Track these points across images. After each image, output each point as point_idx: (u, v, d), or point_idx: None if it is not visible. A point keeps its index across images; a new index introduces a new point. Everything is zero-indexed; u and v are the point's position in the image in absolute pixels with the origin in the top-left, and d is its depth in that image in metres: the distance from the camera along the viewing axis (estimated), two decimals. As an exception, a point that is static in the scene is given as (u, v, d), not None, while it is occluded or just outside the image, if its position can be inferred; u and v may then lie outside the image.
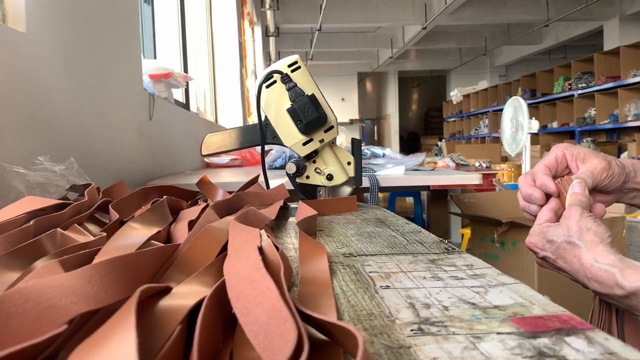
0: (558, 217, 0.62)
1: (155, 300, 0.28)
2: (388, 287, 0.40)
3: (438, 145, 8.43)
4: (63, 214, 0.53)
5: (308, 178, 0.93)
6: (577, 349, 0.28)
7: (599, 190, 0.66)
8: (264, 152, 0.94)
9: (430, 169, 2.27)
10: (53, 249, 0.42)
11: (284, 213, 0.86)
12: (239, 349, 0.27)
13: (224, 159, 2.80)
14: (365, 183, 1.50)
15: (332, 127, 0.90)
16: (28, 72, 0.97)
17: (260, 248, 0.37)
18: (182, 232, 0.54)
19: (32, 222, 0.46)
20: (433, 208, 4.62)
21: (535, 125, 3.95)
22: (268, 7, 6.40)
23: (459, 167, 3.79)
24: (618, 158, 0.68)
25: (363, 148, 2.54)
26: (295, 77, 0.88)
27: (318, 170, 0.93)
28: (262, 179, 0.99)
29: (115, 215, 0.61)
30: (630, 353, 0.27)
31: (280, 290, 0.26)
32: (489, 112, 10.40)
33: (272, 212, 0.71)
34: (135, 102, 1.68)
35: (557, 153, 0.67)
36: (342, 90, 13.75)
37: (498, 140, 6.50)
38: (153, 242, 0.46)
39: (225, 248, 0.44)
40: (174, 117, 2.30)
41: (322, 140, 0.90)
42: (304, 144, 0.90)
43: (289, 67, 0.88)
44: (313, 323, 0.28)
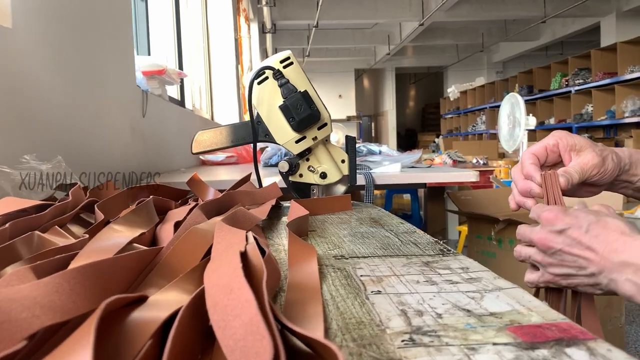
0: None
1: (127, 312, 0.26)
2: (379, 292, 0.38)
3: (435, 142, 8.41)
4: (43, 216, 0.51)
5: (301, 176, 0.91)
6: (578, 362, 0.26)
7: (589, 183, 0.64)
8: (256, 149, 0.92)
9: (427, 166, 2.26)
10: (28, 254, 0.40)
11: (277, 212, 0.84)
12: (217, 364, 0.25)
13: (220, 157, 2.77)
14: (361, 181, 1.48)
15: (325, 124, 0.88)
16: (14, 68, 0.95)
17: (244, 253, 0.35)
18: (167, 233, 0.52)
19: (7, 224, 0.44)
20: (430, 205, 4.61)
21: (533, 122, 3.94)
22: (264, 3, 6.36)
23: (456, 163, 3.77)
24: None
25: (359, 145, 2.52)
26: (288, 73, 0.86)
27: (311, 169, 0.91)
28: (254, 177, 0.97)
29: (101, 216, 0.59)
30: (635, 366, 0.25)
31: (260, 302, 0.24)
32: (486, 108, 10.37)
33: (263, 212, 0.69)
34: (128, 99, 1.66)
35: (549, 142, 0.65)
36: (339, 87, 13.71)
37: (495, 137, 6.49)
38: (135, 245, 0.44)
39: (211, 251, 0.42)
40: (168, 114, 2.27)
41: (315, 138, 0.88)
42: (297, 142, 0.88)
43: (281, 62, 0.86)
44: (297, 334, 0.26)
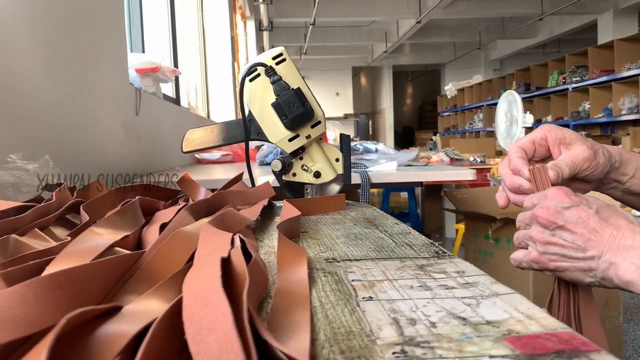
0: None
1: (96, 325, 0.24)
2: (371, 298, 0.37)
3: (432, 140, 8.39)
4: (23, 218, 0.49)
5: (295, 175, 0.90)
6: (580, 377, 0.24)
7: (579, 178, 0.62)
8: (248, 148, 0.90)
9: (424, 164, 2.24)
10: (3, 259, 0.38)
11: (269, 212, 0.82)
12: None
13: (215, 155, 2.75)
14: (357, 179, 1.47)
15: (319, 122, 0.86)
16: (1, 63, 0.92)
17: (227, 258, 0.33)
18: (153, 236, 0.50)
19: (-18, 228, 0.42)
20: (428, 203, 4.60)
21: (530, 119, 3.93)
22: (261, 0, 6.33)
23: (453, 161, 3.75)
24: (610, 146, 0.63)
25: (355, 143, 2.51)
26: (280, 70, 0.84)
27: (305, 168, 0.89)
28: (247, 176, 0.95)
29: (86, 217, 0.57)
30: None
31: (238, 316, 0.22)
32: (484, 106, 10.37)
33: (254, 212, 0.67)
34: (121, 97, 1.64)
35: (537, 135, 0.62)
36: (336, 85, 13.68)
37: (492, 135, 6.48)
38: (117, 249, 0.42)
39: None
40: (163, 112, 2.25)
41: (308, 136, 0.86)
42: (290, 140, 0.86)
43: (274, 59, 0.84)
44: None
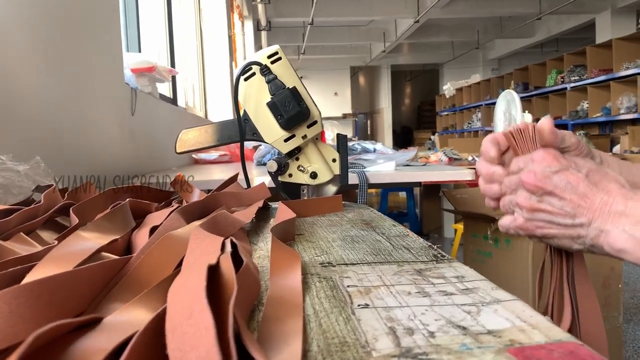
0: None
1: (73, 339, 0.23)
2: (367, 305, 0.35)
3: (431, 139, 8.38)
4: (9, 221, 0.47)
5: (291, 176, 0.88)
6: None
7: None
8: (243, 148, 0.88)
9: (423, 164, 2.22)
10: (-17, 265, 0.37)
11: (265, 214, 0.80)
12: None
13: (213, 155, 2.74)
14: (355, 180, 1.45)
15: (315, 122, 0.84)
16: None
17: (216, 265, 0.32)
18: (143, 240, 0.49)
19: (-37, 233, 0.40)
20: (426, 203, 4.59)
21: (528, 119, 3.91)
22: (259, 0, 6.32)
23: (452, 161, 3.74)
24: (610, 151, 0.61)
25: (354, 143, 2.49)
26: (276, 69, 0.82)
27: (301, 168, 0.87)
28: (242, 177, 0.93)
29: (75, 220, 0.56)
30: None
31: (222, 328, 0.21)
32: (482, 105, 10.36)
33: (248, 214, 0.65)
34: (116, 97, 1.62)
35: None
36: (334, 85, 13.68)
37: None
38: (103, 254, 0.41)
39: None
40: (159, 112, 2.23)
41: (305, 136, 0.84)
42: (286, 140, 0.84)
43: (269, 58, 0.83)
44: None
